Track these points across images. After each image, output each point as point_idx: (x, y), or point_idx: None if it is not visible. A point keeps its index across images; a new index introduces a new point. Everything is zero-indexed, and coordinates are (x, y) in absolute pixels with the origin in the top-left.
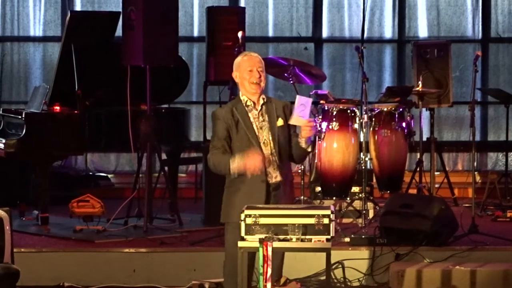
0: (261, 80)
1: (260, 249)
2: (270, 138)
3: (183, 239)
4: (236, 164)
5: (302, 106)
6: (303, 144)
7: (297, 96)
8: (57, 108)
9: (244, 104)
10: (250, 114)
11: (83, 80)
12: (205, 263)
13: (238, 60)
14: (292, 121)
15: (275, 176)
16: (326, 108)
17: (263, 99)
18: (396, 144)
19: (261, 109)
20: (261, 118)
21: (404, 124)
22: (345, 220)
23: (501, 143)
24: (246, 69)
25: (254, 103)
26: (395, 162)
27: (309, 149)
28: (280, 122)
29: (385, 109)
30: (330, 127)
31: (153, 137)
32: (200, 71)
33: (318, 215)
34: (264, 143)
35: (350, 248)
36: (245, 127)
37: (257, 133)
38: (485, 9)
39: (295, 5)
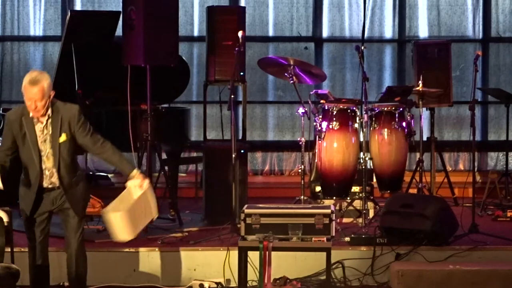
0: (38, 110)
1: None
2: (52, 152)
3: (183, 239)
4: None
5: None
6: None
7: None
8: None
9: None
10: (36, 127)
11: (83, 80)
12: (205, 263)
13: (23, 82)
14: None
15: (56, 182)
16: (326, 108)
17: (49, 115)
18: (397, 143)
19: (46, 123)
20: (45, 131)
21: (404, 124)
22: (345, 220)
23: (501, 142)
24: (25, 97)
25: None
26: (395, 162)
27: None
28: (63, 137)
29: (386, 109)
30: (330, 126)
31: (153, 136)
32: (200, 70)
33: (319, 214)
34: (47, 156)
35: (350, 248)
36: (30, 141)
37: (40, 147)
38: (486, 8)
39: (295, 4)
